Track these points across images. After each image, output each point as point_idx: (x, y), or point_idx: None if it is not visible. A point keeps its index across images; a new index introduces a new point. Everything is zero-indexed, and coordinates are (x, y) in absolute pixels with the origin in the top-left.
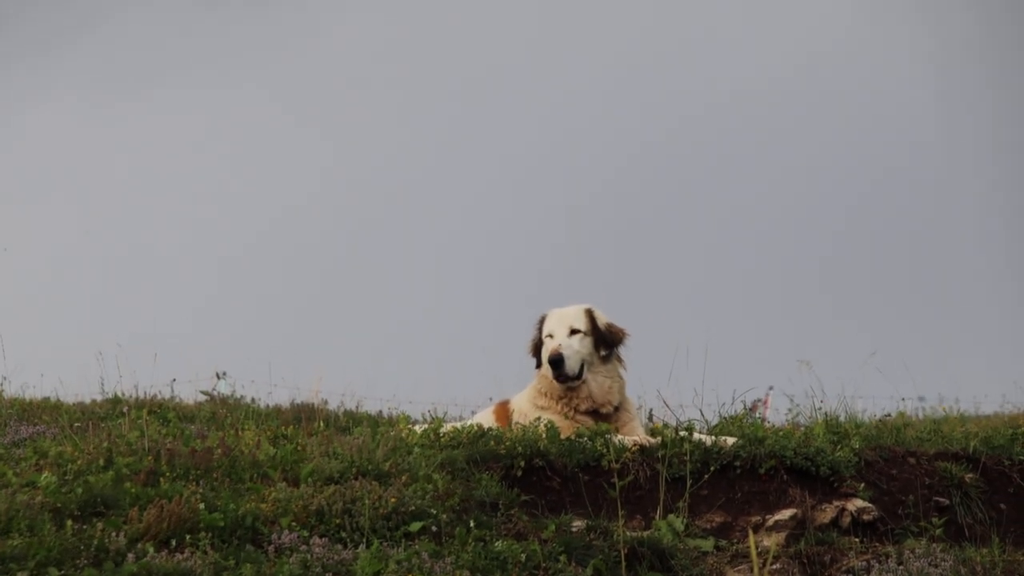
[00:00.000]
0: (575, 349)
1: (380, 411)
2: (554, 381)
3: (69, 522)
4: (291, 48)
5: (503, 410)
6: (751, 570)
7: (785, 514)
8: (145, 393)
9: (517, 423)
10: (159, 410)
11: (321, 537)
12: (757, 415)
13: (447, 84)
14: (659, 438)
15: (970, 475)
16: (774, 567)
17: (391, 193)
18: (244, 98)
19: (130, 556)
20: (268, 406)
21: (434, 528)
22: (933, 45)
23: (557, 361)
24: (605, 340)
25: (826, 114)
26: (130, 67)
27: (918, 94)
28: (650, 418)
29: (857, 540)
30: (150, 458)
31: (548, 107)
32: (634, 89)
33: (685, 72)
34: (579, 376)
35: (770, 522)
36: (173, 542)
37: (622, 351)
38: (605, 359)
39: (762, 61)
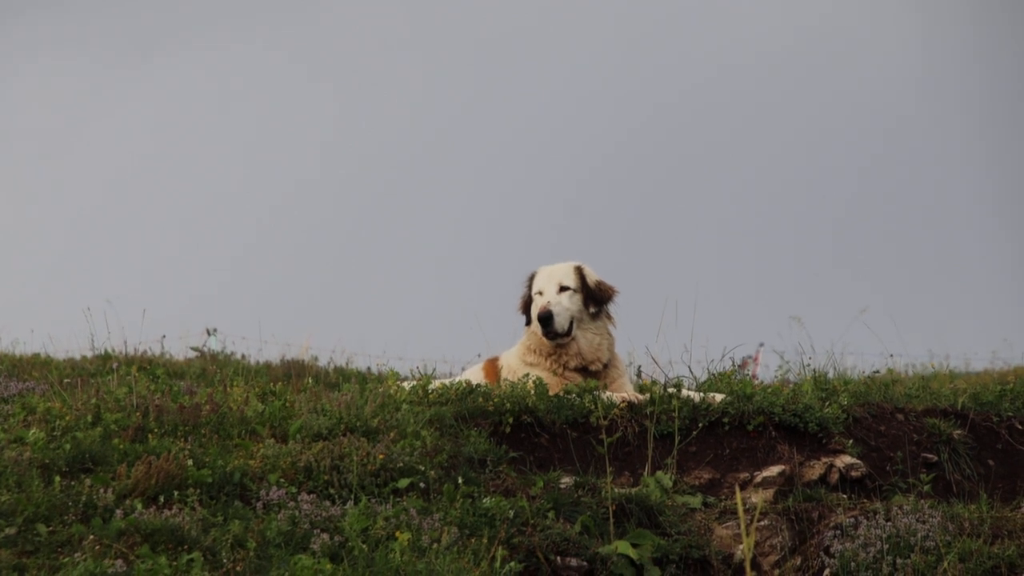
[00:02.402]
0: (564, 306)
1: (369, 368)
2: (543, 338)
3: (57, 478)
4: (308, 8)
5: (492, 367)
6: (739, 526)
7: (773, 471)
8: (135, 349)
9: (506, 380)
10: (148, 366)
11: (309, 493)
12: (747, 372)
13: (459, 50)
14: (647, 395)
15: (959, 431)
16: (762, 523)
17: (391, 156)
18: (258, 59)
19: (118, 512)
20: (258, 363)
21: (422, 484)
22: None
23: (546, 318)
24: (595, 297)
25: (819, 83)
26: (145, 26)
27: (929, 51)
28: (639, 375)
29: (845, 496)
30: (138, 414)
31: (553, 79)
32: (637, 59)
33: (687, 41)
34: (568, 333)
35: (758, 479)
36: (161, 498)
37: (611, 308)
38: (594, 316)
39: (759, 33)
